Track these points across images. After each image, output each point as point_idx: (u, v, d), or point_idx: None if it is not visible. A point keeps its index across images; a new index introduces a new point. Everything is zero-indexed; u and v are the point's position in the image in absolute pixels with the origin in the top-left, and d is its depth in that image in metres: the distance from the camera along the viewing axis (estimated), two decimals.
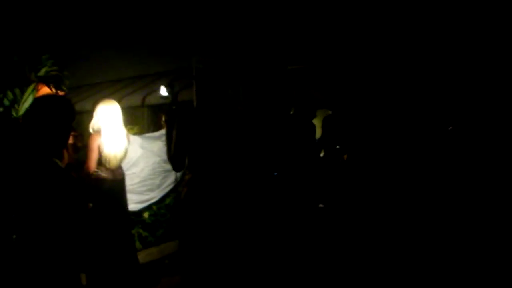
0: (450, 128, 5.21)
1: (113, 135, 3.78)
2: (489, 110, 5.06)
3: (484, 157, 4.88)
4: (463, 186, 4.76)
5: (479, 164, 4.86)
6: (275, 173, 4.30)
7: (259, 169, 3.90)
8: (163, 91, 4.61)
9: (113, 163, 3.81)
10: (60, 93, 3.49)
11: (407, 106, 5.59)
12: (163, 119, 5.17)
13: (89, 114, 3.88)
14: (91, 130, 3.78)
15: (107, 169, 3.80)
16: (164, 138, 4.33)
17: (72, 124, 2.30)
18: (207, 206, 2.84)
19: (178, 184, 4.89)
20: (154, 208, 4.96)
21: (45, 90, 3.39)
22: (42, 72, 3.40)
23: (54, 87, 3.43)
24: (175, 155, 2.94)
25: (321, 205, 5.51)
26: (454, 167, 4.94)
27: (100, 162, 3.76)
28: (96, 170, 3.76)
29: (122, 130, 3.88)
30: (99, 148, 3.72)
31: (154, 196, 4.91)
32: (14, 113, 3.33)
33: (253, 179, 3.73)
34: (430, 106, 5.48)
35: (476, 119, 5.12)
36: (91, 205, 3.76)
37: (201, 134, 2.88)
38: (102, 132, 3.73)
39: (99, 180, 3.78)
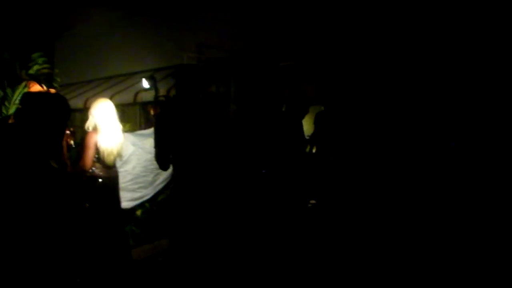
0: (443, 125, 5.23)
1: (110, 132, 3.80)
2: (483, 105, 5.08)
3: (475, 153, 4.91)
4: (459, 184, 4.78)
5: (469, 158, 4.89)
6: (263, 171, 4.30)
7: (245, 166, 3.92)
8: (145, 84, 4.63)
9: (111, 159, 3.83)
10: (51, 90, 3.47)
11: (399, 102, 5.61)
12: (152, 112, 5.18)
13: (81, 111, 3.88)
14: (87, 129, 3.79)
15: (102, 166, 3.82)
16: None
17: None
18: (190, 203, 2.84)
19: (171, 181, 4.90)
20: (147, 205, 4.96)
21: (36, 88, 3.38)
22: (33, 70, 3.40)
23: (45, 85, 3.42)
24: (158, 153, 2.94)
25: (312, 201, 5.53)
26: (448, 165, 4.97)
27: (95, 159, 3.78)
28: (91, 167, 3.77)
29: (118, 126, 3.91)
30: (96, 145, 3.73)
31: (147, 193, 4.91)
32: (4, 111, 3.32)
33: (238, 176, 3.76)
34: (422, 101, 5.50)
35: (471, 116, 5.15)
36: (87, 205, 3.77)
37: (181, 131, 2.88)
38: (99, 130, 3.75)
39: (93, 178, 3.79)
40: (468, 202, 4.60)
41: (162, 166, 3.06)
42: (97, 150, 3.75)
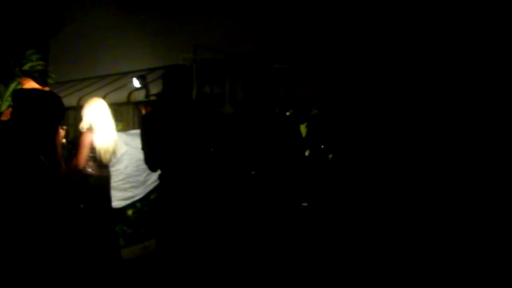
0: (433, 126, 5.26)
1: (105, 130, 3.85)
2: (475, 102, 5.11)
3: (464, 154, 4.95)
4: (450, 186, 4.81)
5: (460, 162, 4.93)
6: (253, 172, 4.30)
7: (234, 167, 3.93)
8: (136, 83, 4.64)
9: (107, 158, 3.88)
10: (45, 88, 3.46)
11: (393, 105, 5.64)
12: (143, 111, 5.18)
13: (74, 109, 3.88)
14: (81, 129, 3.82)
15: (96, 165, 3.85)
16: None
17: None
18: (177, 204, 2.82)
19: None
20: (138, 205, 4.94)
21: (30, 85, 3.36)
22: (27, 66, 3.38)
23: (39, 82, 3.40)
24: (146, 155, 2.90)
25: (305, 204, 5.53)
26: (440, 167, 4.99)
27: (90, 158, 3.79)
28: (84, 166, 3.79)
29: (112, 125, 3.95)
30: (91, 145, 3.76)
31: (139, 193, 4.90)
32: None
33: (226, 177, 3.76)
34: (415, 104, 5.53)
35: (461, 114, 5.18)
36: (82, 205, 3.77)
37: (167, 132, 2.84)
38: (94, 129, 3.78)
39: (85, 176, 3.80)
40: (458, 205, 4.64)
41: (152, 167, 3.03)
42: (93, 149, 3.79)
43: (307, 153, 5.76)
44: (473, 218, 4.51)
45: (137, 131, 5.13)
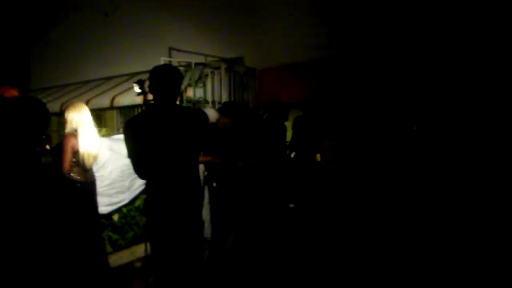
0: (414, 128, 5.32)
1: (87, 135, 3.83)
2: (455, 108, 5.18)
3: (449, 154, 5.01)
4: (434, 186, 4.86)
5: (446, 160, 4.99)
6: (214, 184, 4.30)
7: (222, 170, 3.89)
8: (136, 89, 4.63)
9: (90, 162, 3.85)
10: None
11: (376, 106, 5.69)
12: None
13: (57, 115, 3.84)
14: (65, 132, 3.80)
15: (80, 170, 3.82)
16: None
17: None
18: (169, 211, 2.76)
19: None
20: (124, 210, 4.90)
21: (9, 93, 3.32)
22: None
23: (18, 89, 3.35)
24: (136, 163, 2.76)
25: (291, 205, 5.56)
26: (424, 168, 5.04)
27: (73, 163, 3.76)
28: (68, 172, 3.74)
29: (94, 130, 3.94)
30: (72, 149, 3.73)
31: (124, 198, 4.86)
32: None
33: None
34: (396, 105, 5.58)
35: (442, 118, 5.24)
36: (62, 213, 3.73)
37: (155, 137, 2.74)
38: (76, 134, 3.78)
39: (71, 182, 3.77)
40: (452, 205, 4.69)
41: (142, 175, 2.89)
42: (75, 154, 3.76)
43: (293, 155, 5.78)
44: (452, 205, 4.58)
45: (121, 136, 5.07)
